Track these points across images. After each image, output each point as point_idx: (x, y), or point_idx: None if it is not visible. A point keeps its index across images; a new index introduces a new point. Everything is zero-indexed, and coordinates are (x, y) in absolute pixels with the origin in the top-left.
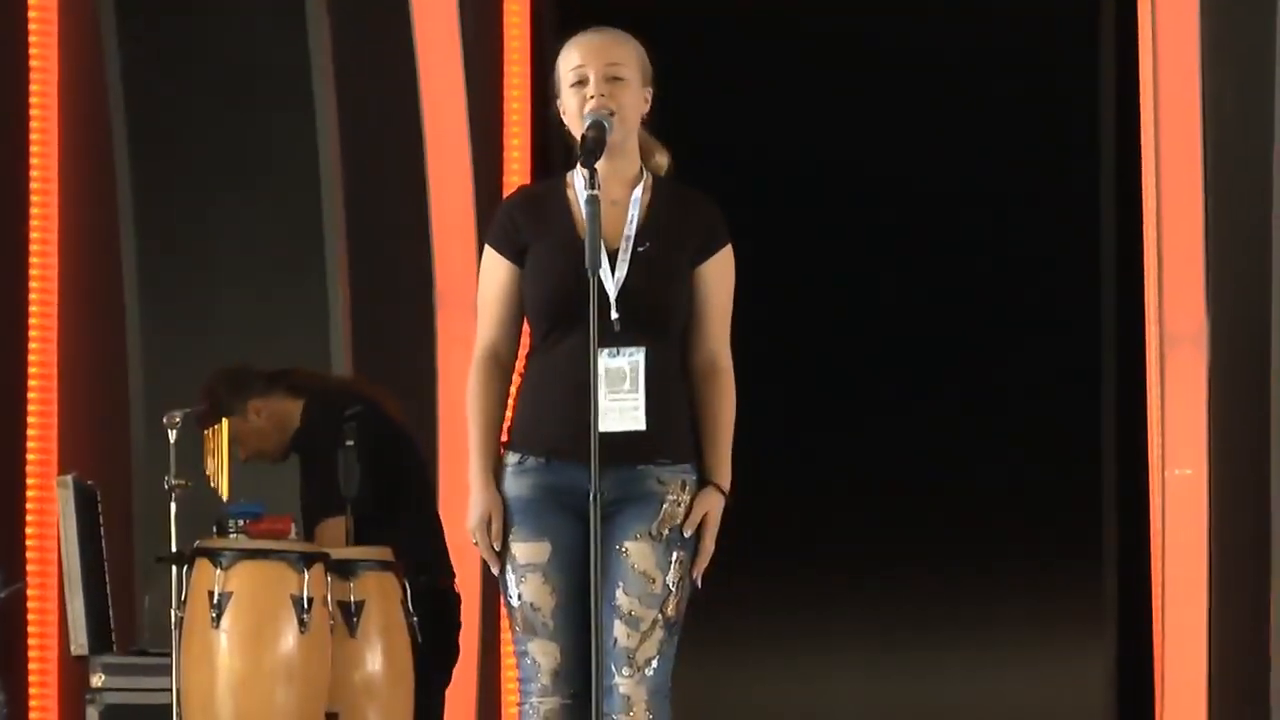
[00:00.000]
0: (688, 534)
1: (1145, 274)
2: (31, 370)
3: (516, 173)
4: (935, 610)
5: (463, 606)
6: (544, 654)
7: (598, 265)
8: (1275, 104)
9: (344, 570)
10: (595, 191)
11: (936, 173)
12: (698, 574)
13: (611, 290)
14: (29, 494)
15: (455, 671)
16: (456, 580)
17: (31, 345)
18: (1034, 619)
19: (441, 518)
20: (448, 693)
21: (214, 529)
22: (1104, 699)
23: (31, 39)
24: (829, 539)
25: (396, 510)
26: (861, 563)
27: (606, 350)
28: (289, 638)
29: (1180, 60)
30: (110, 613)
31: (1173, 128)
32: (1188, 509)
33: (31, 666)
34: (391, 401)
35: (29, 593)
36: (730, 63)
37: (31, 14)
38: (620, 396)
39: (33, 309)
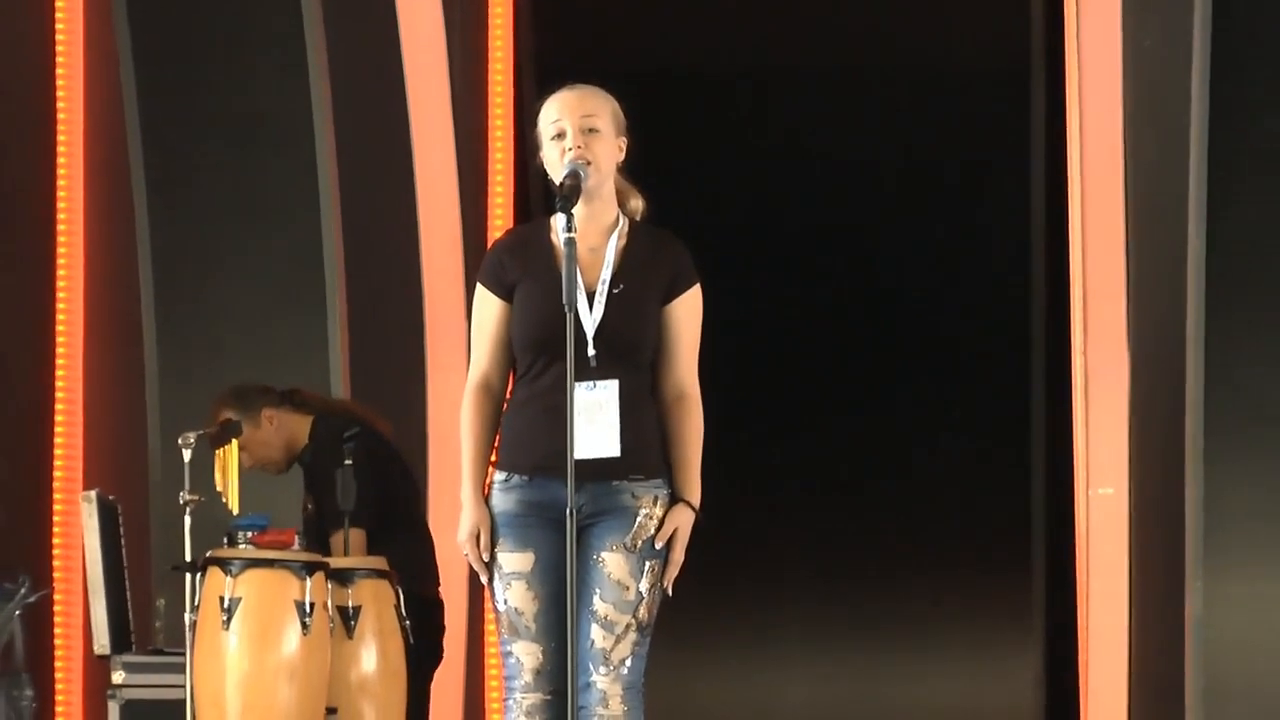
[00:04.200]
0: (659, 546)
1: (1072, 314)
2: (59, 395)
3: (500, 217)
4: (878, 617)
5: (450, 612)
6: (527, 654)
7: (574, 303)
8: (1190, 158)
9: (342, 578)
10: (572, 235)
11: (886, 225)
12: (668, 583)
13: (589, 327)
14: (55, 508)
15: (441, 671)
16: (441, 588)
17: (59, 373)
18: (969, 626)
19: (431, 530)
20: (436, 691)
21: (224, 540)
22: (1033, 698)
23: (59, 93)
24: (782, 555)
25: (391, 523)
26: (811, 575)
27: (584, 383)
28: (292, 639)
29: (1105, 116)
30: (130, 616)
31: (1097, 183)
32: (1110, 525)
33: (58, 665)
34: (383, 423)
35: (55, 598)
36: (692, 110)
37: (59, 71)
38: (597, 425)
39: (60, 340)
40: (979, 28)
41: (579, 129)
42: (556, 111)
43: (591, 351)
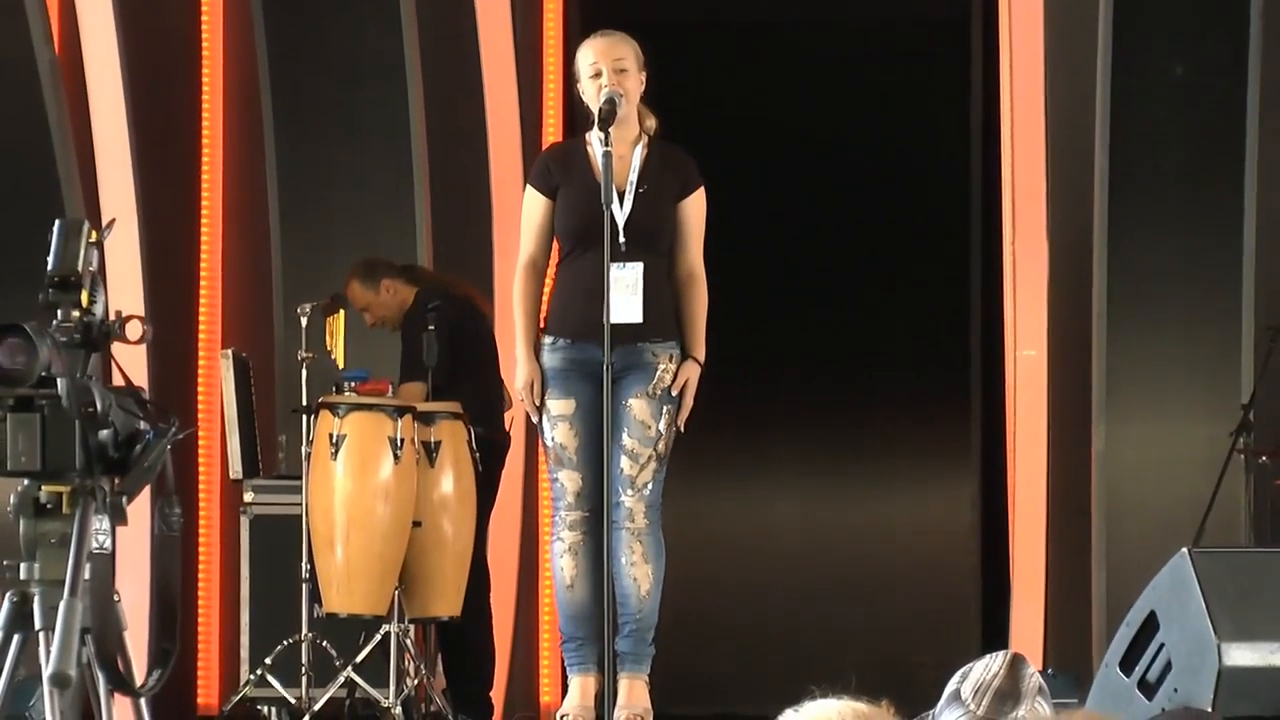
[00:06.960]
0: (674, 393)
1: (1003, 214)
2: (203, 274)
3: (551, 132)
4: (851, 451)
5: (512, 449)
6: (570, 480)
7: (611, 201)
8: (1095, 100)
9: (426, 419)
10: (609, 148)
11: (852, 143)
12: (681, 422)
13: (620, 220)
14: (200, 362)
15: (505, 494)
16: (508, 434)
17: (203, 258)
18: (923, 459)
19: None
20: (501, 510)
21: (333, 389)
22: (970, 516)
23: (204, 38)
24: (772, 402)
25: (465, 377)
26: (796, 417)
27: (616, 264)
28: (386, 467)
29: (1029, 60)
30: (258, 448)
31: (1023, 111)
32: (1032, 379)
33: (201, 488)
34: (482, 299)
35: (199, 435)
36: (701, 59)
37: (204, 20)
38: (625, 298)
39: (204, 232)
40: None
41: (612, 69)
42: (594, 55)
43: (622, 239)
